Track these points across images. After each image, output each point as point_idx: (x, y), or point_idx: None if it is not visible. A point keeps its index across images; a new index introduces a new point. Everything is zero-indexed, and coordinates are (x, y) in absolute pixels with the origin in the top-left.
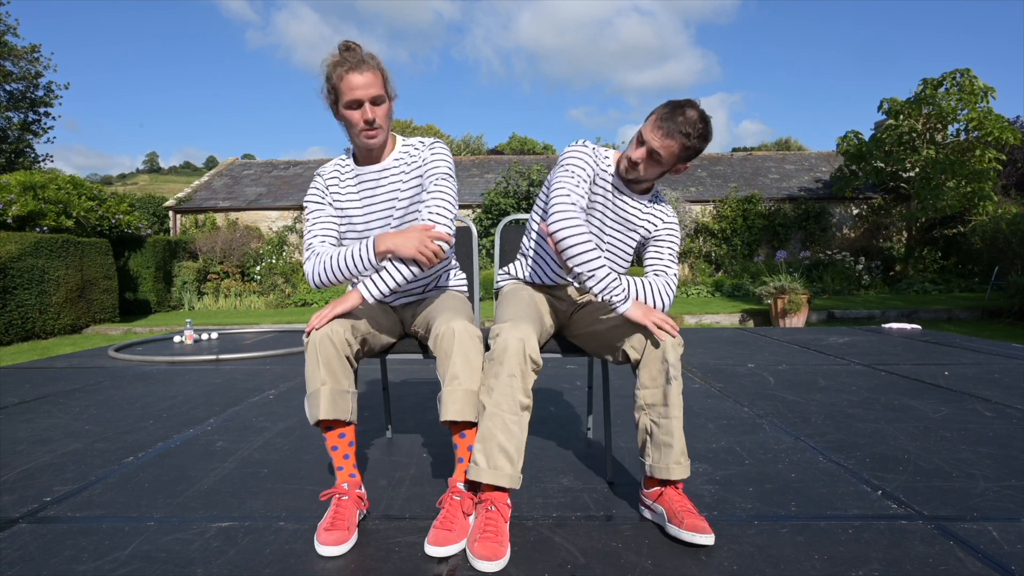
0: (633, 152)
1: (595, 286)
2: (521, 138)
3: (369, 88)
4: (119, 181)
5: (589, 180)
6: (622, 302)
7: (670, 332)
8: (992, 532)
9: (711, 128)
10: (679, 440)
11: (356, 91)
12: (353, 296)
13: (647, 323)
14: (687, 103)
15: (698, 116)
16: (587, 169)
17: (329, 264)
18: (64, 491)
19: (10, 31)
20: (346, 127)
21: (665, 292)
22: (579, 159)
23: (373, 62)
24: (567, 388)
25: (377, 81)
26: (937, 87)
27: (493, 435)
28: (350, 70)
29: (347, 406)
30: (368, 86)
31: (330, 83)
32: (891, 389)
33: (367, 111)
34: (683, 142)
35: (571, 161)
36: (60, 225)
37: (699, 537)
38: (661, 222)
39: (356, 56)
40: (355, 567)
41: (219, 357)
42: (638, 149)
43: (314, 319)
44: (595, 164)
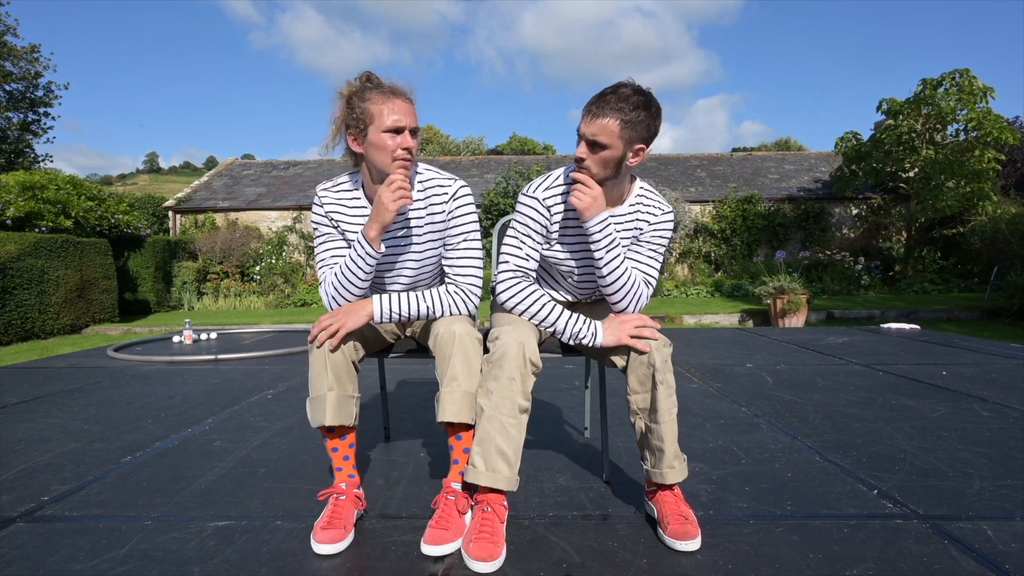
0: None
1: (562, 335)
2: (521, 138)
3: (411, 116)
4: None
5: (541, 230)
6: (593, 337)
7: (650, 337)
8: (987, 531)
9: (653, 98)
10: (671, 445)
11: (400, 117)
12: (364, 309)
13: (625, 341)
14: (618, 83)
15: (631, 90)
16: (535, 221)
17: (336, 283)
18: (62, 490)
19: (10, 31)
20: (372, 156)
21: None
22: (524, 215)
23: (408, 90)
24: (565, 388)
25: (415, 112)
26: (936, 87)
27: (491, 438)
28: (392, 95)
29: (351, 411)
30: (411, 114)
31: (359, 108)
32: (889, 389)
33: (407, 139)
34: (619, 117)
35: (517, 219)
36: (59, 225)
37: (679, 544)
38: (647, 224)
39: (394, 84)
40: (351, 566)
41: (218, 357)
42: (579, 146)
43: (322, 332)
44: (546, 210)
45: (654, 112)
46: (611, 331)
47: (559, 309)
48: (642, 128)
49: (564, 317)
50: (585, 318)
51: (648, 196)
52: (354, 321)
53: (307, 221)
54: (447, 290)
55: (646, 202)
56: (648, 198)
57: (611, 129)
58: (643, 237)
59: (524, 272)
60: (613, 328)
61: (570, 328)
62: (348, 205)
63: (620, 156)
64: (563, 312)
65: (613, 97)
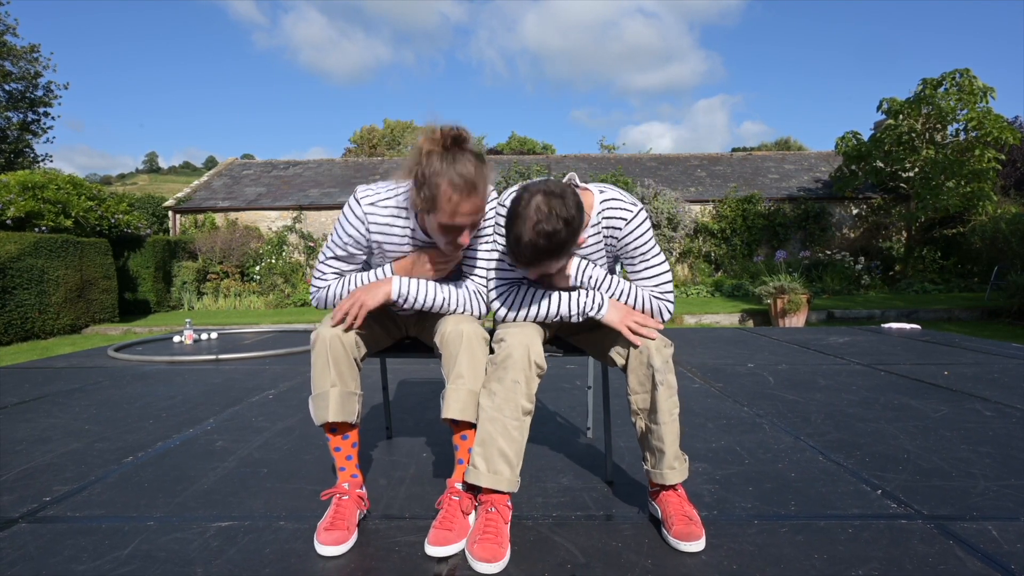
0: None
1: (571, 318)
2: (521, 138)
3: (474, 215)
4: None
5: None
6: (598, 309)
7: (647, 336)
8: (992, 531)
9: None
10: (671, 445)
11: (459, 218)
12: (383, 288)
13: (622, 328)
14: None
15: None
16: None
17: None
18: (63, 491)
19: (9, 31)
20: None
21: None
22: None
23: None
24: (567, 388)
25: (482, 204)
26: (936, 87)
27: (494, 439)
28: (466, 194)
29: (354, 408)
30: (477, 211)
31: (431, 183)
32: (891, 389)
33: (464, 237)
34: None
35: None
36: (59, 225)
37: (683, 544)
38: (615, 240)
39: (470, 178)
40: (355, 567)
41: (219, 357)
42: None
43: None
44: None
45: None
46: (615, 312)
47: (555, 295)
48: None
49: (565, 301)
50: (588, 291)
51: (610, 206)
52: (372, 299)
53: (307, 221)
54: (466, 287)
55: (609, 213)
56: (611, 207)
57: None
58: (626, 253)
59: (512, 282)
60: (618, 311)
61: (575, 308)
62: (398, 228)
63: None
64: (561, 295)
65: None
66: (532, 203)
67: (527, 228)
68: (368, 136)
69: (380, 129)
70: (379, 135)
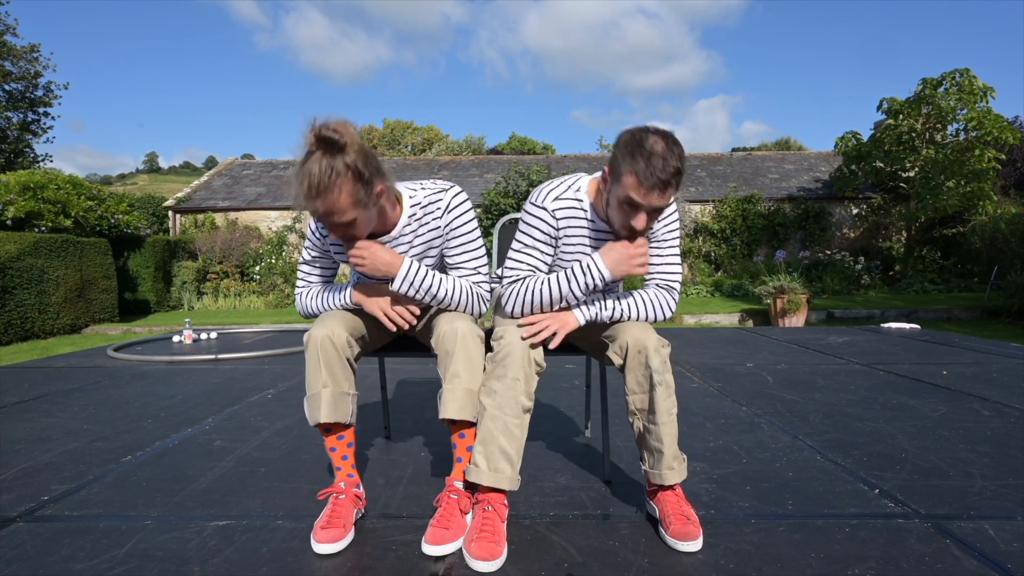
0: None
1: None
2: (521, 138)
3: (330, 216)
4: (119, 181)
5: (551, 240)
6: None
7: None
8: (989, 531)
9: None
10: (670, 446)
11: (323, 219)
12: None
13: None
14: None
15: (664, 145)
16: (543, 232)
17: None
18: (62, 490)
19: (9, 31)
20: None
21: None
22: (531, 226)
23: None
24: (565, 387)
25: (342, 206)
26: (936, 87)
27: (495, 437)
28: (308, 200)
29: (347, 408)
30: (329, 214)
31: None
32: (889, 388)
33: (333, 231)
34: (677, 182)
35: (523, 229)
36: (59, 225)
37: (681, 544)
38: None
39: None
40: (352, 565)
41: (218, 357)
42: (637, 216)
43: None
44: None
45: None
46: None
47: (554, 279)
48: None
49: (565, 283)
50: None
51: None
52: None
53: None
54: (468, 286)
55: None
56: None
57: (672, 196)
58: (657, 237)
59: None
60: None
61: (576, 289)
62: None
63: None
64: (560, 279)
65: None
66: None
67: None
68: (368, 136)
69: (380, 129)
70: (379, 135)
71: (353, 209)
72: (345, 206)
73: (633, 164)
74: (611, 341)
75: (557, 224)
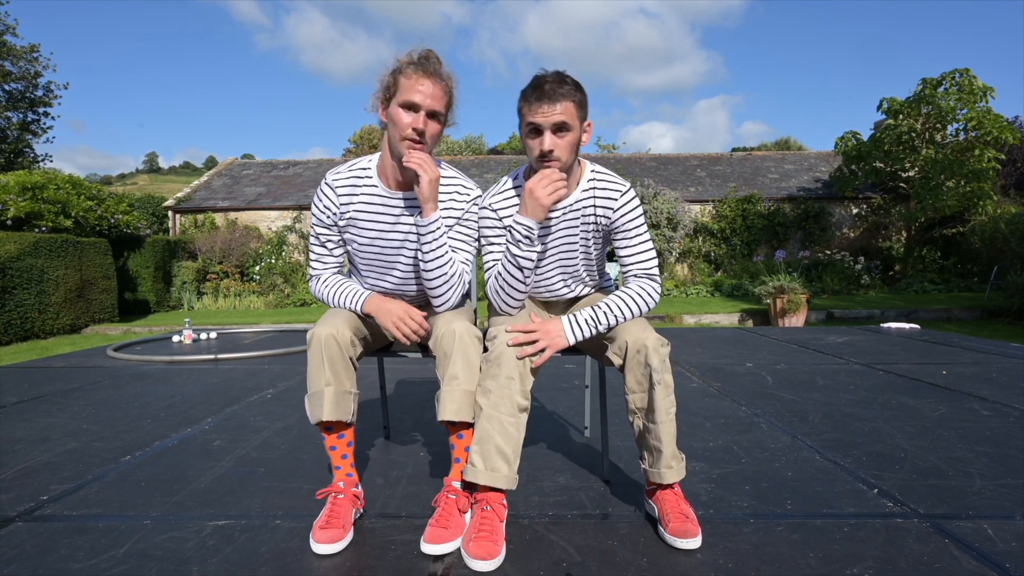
0: (539, 145)
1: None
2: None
3: (432, 99)
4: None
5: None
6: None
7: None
8: (988, 530)
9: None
10: (669, 445)
11: (417, 94)
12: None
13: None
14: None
15: (563, 75)
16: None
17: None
18: (61, 490)
19: (9, 31)
20: (388, 130)
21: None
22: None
23: (448, 81)
24: (565, 387)
25: (443, 99)
26: (936, 87)
27: (491, 437)
28: (423, 73)
29: (349, 407)
30: (432, 96)
31: (395, 76)
32: (889, 388)
33: (419, 120)
34: (572, 98)
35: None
36: (59, 225)
37: (680, 542)
38: (611, 211)
39: (434, 65)
40: (351, 565)
41: (218, 357)
42: (539, 138)
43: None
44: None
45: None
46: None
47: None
48: (587, 106)
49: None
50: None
51: (601, 177)
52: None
53: (307, 221)
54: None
55: (601, 184)
56: (601, 179)
57: (571, 111)
58: (618, 226)
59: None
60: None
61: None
62: (361, 190)
63: (579, 137)
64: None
65: (557, 84)
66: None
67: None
68: (368, 136)
69: (380, 129)
70: (379, 135)
71: (445, 104)
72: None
73: (523, 94)
74: (610, 342)
75: (500, 216)
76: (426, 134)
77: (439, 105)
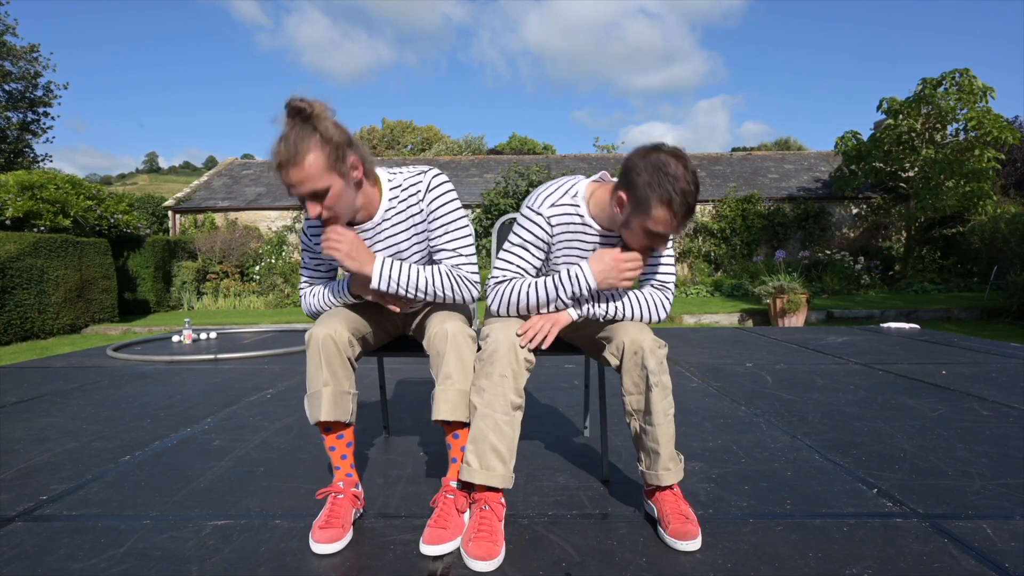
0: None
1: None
2: (521, 138)
3: (303, 185)
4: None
5: (543, 245)
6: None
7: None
8: (987, 530)
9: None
10: (666, 447)
11: (291, 189)
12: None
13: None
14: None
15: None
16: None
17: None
18: (60, 490)
19: (9, 31)
20: None
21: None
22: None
23: (306, 151)
24: (564, 387)
25: (314, 172)
26: (936, 87)
27: (485, 436)
28: (280, 168)
29: (348, 407)
30: (301, 183)
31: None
32: (889, 388)
33: (311, 208)
34: (693, 206)
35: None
36: (58, 225)
37: (680, 543)
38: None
39: (288, 146)
40: (350, 565)
41: (217, 357)
42: (659, 242)
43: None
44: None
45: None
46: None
47: (542, 284)
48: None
49: (552, 289)
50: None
51: None
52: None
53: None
54: (448, 271)
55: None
56: None
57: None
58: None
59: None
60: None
61: (562, 295)
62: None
63: None
64: (547, 284)
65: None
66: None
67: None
68: (368, 136)
69: (380, 129)
70: (379, 135)
71: (326, 175)
72: (316, 172)
73: (660, 195)
74: (608, 342)
75: (552, 231)
76: (326, 214)
77: (312, 185)
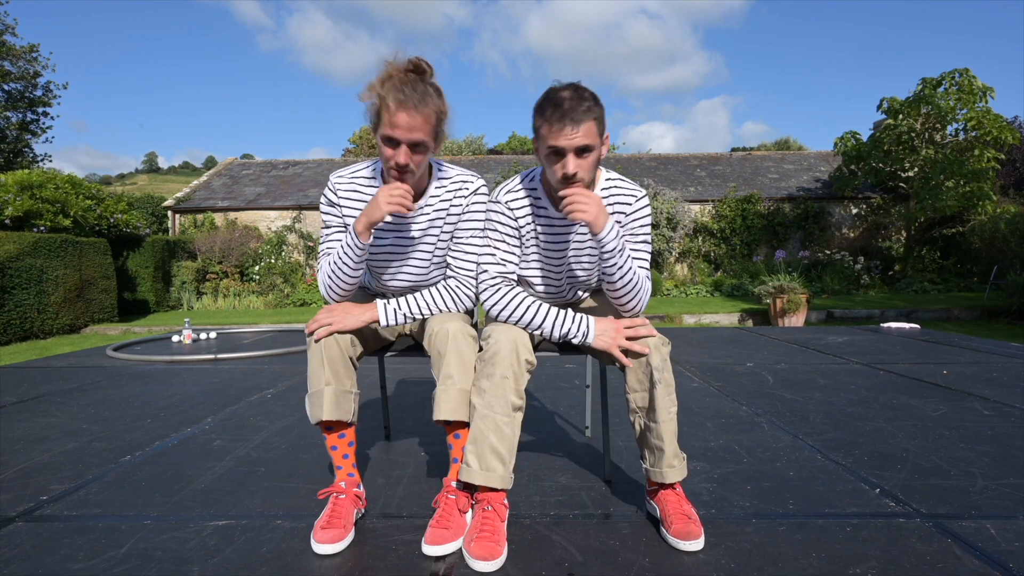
0: (561, 168)
1: (550, 337)
2: (521, 138)
3: (412, 132)
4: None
5: (513, 233)
6: (584, 336)
7: (646, 335)
8: (990, 530)
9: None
10: (670, 444)
11: (396, 130)
12: (365, 313)
13: (615, 351)
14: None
15: (581, 88)
16: (504, 225)
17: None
18: (61, 490)
19: (8, 30)
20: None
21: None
22: (492, 220)
23: (431, 104)
24: (565, 387)
25: (426, 126)
26: (936, 87)
27: (485, 436)
28: (401, 107)
29: (349, 407)
30: (412, 129)
31: (377, 98)
32: (890, 388)
33: (401, 154)
34: (593, 116)
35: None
36: (57, 225)
37: (683, 543)
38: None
39: (412, 98)
40: (352, 565)
41: (217, 356)
42: (560, 160)
43: (317, 324)
44: (512, 212)
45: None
46: (603, 336)
47: (544, 309)
48: (605, 119)
49: (551, 318)
50: (575, 315)
51: (619, 184)
52: (352, 323)
53: (307, 221)
54: (444, 286)
55: (617, 191)
56: (619, 186)
57: (593, 131)
58: (625, 229)
59: (503, 277)
60: (606, 333)
61: (558, 329)
62: (361, 194)
63: (600, 153)
64: (549, 312)
65: (577, 102)
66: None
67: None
68: (368, 136)
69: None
70: None
71: (431, 134)
72: (429, 126)
73: (541, 113)
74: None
75: (514, 215)
76: (409, 166)
77: (420, 135)
